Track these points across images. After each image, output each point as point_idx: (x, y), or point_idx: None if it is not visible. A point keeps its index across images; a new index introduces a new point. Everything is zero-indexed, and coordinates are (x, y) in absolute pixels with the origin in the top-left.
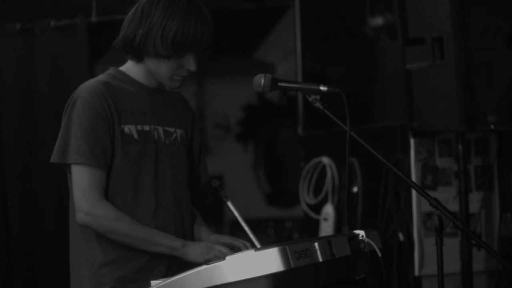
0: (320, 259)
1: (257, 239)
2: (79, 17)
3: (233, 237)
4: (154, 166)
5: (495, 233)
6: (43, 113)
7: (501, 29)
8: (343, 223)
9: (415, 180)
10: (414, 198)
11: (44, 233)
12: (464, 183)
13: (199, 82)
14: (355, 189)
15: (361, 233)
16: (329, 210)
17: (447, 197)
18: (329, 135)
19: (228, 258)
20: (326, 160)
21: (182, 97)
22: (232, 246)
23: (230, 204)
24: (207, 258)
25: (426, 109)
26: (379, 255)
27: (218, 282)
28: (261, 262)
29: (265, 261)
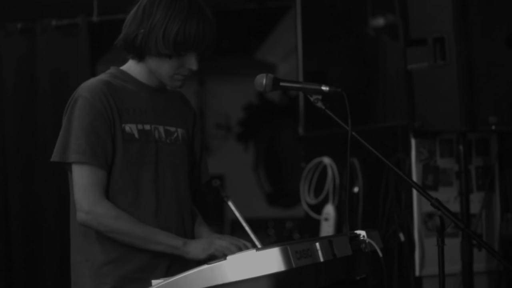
0: (321, 259)
1: (257, 239)
2: (80, 16)
3: (233, 237)
4: (155, 166)
5: (495, 233)
6: (44, 112)
7: (502, 30)
8: (344, 223)
9: (416, 181)
10: (415, 199)
11: (44, 232)
12: (465, 183)
13: (200, 82)
14: (356, 189)
15: (362, 233)
16: (330, 210)
17: (448, 198)
18: (330, 135)
19: (229, 257)
20: (327, 160)
21: (183, 96)
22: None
23: (231, 204)
24: (209, 253)
25: (427, 109)
26: (380, 255)
27: (219, 282)
28: (262, 262)
29: (266, 261)
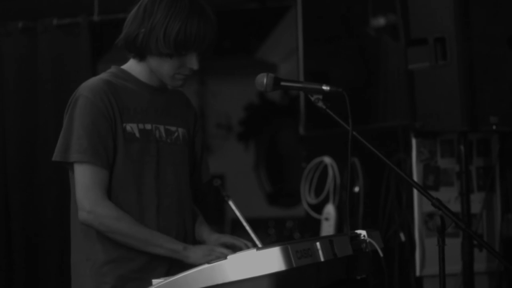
0: (322, 258)
1: (258, 238)
2: (82, 16)
3: (234, 237)
4: (156, 165)
5: (496, 233)
6: (45, 112)
7: (503, 30)
8: (344, 223)
9: (416, 181)
10: (416, 198)
11: (45, 231)
12: (465, 183)
13: (201, 82)
14: (357, 189)
15: (363, 233)
16: (330, 210)
17: (449, 198)
18: (331, 135)
19: (229, 257)
20: (328, 160)
21: (184, 96)
22: (234, 247)
23: (231, 203)
24: (209, 260)
25: (428, 109)
26: (380, 255)
27: (220, 281)
28: (263, 262)
29: (267, 260)
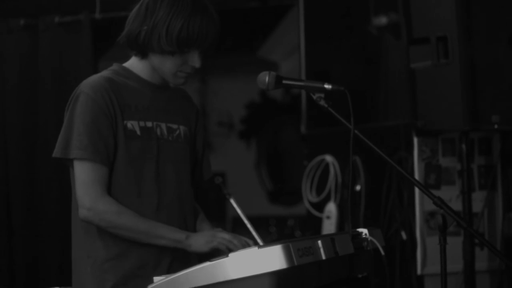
0: (323, 257)
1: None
2: (83, 13)
3: (235, 234)
4: (156, 163)
5: (497, 232)
6: (46, 109)
7: (505, 29)
8: (346, 221)
9: (418, 179)
10: (417, 197)
11: (46, 228)
12: (467, 182)
13: (202, 80)
14: (358, 187)
15: (364, 231)
16: (331, 208)
17: (450, 196)
18: (332, 134)
19: (231, 255)
20: (329, 158)
21: (185, 93)
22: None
23: (232, 201)
24: (212, 246)
25: (430, 108)
26: (382, 253)
27: (221, 279)
28: (264, 260)
29: (268, 258)
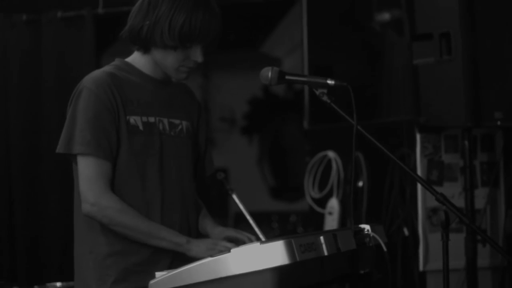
0: (326, 252)
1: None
2: (86, 8)
3: (238, 230)
4: (159, 158)
5: (500, 229)
6: (49, 104)
7: (508, 25)
8: (348, 217)
9: (420, 176)
10: (420, 193)
11: (48, 224)
12: (469, 179)
13: (205, 75)
14: (361, 183)
15: (367, 227)
16: (334, 204)
17: (453, 193)
18: (335, 129)
19: (233, 250)
20: (332, 154)
21: (188, 88)
22: (237, 240)
23: (235, 197)
24: (212, 254)
25: (432, 104)
26: (384, 249)
27: (223, 275)
28: (266, 255)
29: (271, 254)
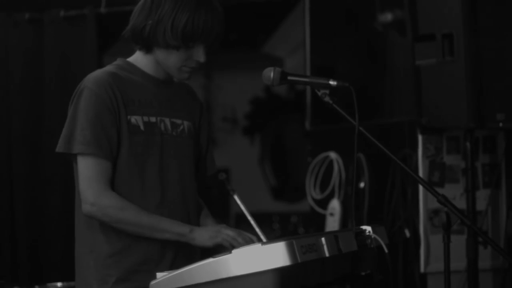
0: (327, 254)
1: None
2: (88, 7)
3: (239, 230)
4: (160, 158)
5: (501, 230)
6: (50, 103)
7: (511, 26)
8: (349, 218)
9: (422, 177)
10: (421, 195)
11: (49, 224)
12: (471, 180)
13: (207, 75)
14: (362, 184)
15: (368, 228)
16: (335, 205)
17: (454, 194)
18: (337, 130)
19: (234, 251)
20: (333, 155)
21: (190, 88)
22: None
23: (236, 197)
24: (215, 242)
25: (434, 105)
26: (385, 251)
27: (224, 276)
28: (268, 256)
29: (272, 255)
